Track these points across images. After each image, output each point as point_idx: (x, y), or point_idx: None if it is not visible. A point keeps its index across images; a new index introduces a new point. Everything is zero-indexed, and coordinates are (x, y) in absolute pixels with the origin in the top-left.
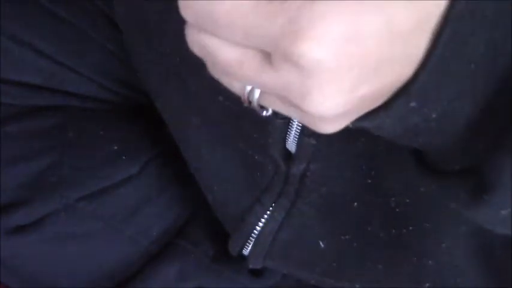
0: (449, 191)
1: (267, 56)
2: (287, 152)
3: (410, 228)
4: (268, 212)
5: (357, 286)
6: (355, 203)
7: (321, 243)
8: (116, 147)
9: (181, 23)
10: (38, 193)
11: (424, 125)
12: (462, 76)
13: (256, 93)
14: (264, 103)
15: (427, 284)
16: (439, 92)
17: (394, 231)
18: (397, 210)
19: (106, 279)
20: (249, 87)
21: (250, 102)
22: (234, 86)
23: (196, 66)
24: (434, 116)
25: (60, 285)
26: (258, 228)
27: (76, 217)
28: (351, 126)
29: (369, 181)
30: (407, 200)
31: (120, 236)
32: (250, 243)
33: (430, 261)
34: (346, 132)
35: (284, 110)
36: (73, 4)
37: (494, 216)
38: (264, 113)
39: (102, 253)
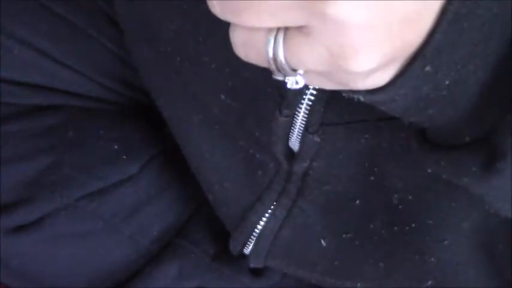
0: (459, 165)
1: None
2: (289, 150)
3: (413, 225)
4: (269, 211)
5: (359, 285)
6: (358, 201)
7: (322, 241)
8: (116, 147)
9: (181, 23)
10: (38, 192)
11: (436, 94)
12: (475, 37)
13: (281, 39)
14: (291, 54)
15: (429, 282)
16: (453, 54)
17: (396, 228)
18: (400, 207)
19: (106, 279)
20: (273, 39)
21: (278, 69)
22: (258, 44)
23: (197, 66)
24: (447, 82)
25: (60, 285)
26: (259, 227)
27: (76, 217)
28: (363, 99)
29: (372, 178)
30: (410, 197)
31: (120, 235)
32: (251, 242)
33: (432, 259)
34: (348, 129)
35: (312, 54)
36: (73, 3)
37: (505, 188)
38: (293, 84)
39: (102, 253)
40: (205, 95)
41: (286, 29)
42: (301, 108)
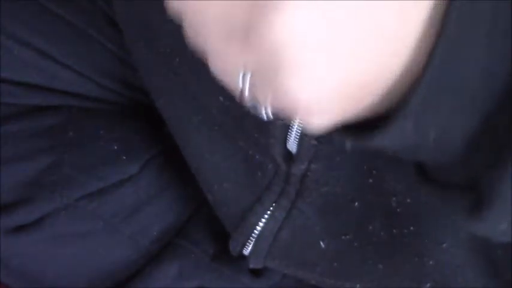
0: (448, 203)
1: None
2: (288, 152)
3: (411, 228)
4: (268, 212)
5: (358, 286)
6: (356, 203)
7: (321, 243)
8: (116, 147)
9: (179, 24)
10: (38, 192)
11: (423, 144)
12: (460, 93)
13: (247, 79)
14: (254, 91)
15: (428, 284)
16: (436, 111)
17: (394, 231)
18: (398, 210)
19: (106, 279)
20: (241, 76)
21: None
22: (228, 76)
23: (196, 67)
24: (432, 136)
25: (60, 285)
26: (259, 228)
27: (76, 217)
28: (349, 146)
29: (370, 181)
30: (409, 200)
31: (120, 235)
32: (250, 243)
33: (430, 261)
34: None
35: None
36: (73, 3)
37: (493, 231)
38: (261, 114)
39: (102, 253)
40: (204, 96)
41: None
42: None
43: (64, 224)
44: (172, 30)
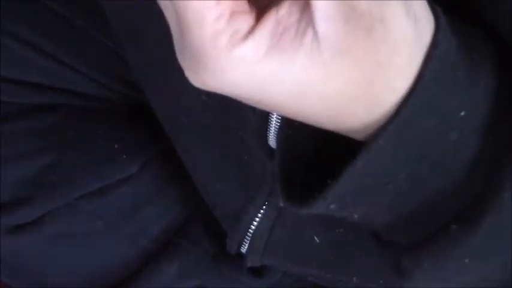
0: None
1: None
2: (271, 149)
3: None
4: (261, 211)
5: (354, 279)
6: None
7: (315, 238)
8: (116, 146)
9: (166, 27)
10: (38, 192)
11: (349, 218)
12: (378, 192)
13: None
14: None
15: None
16: (355, 201)
17: None
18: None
19: (106, 278)
20: None
21: None
22: None
23: (179, 66)
24: (356, 216)
25: (60, 284)
26: (253, 227)
27: (76, 216)
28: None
29: None
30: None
31: (120, 235)
32: (247, 242)
33: None
34: None
35: None
36: (73, 2)
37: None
38: None
39: (102, 252)
40: (189, 96)
41: None
42: None
43: (64, 223)
44: (158, 33)
